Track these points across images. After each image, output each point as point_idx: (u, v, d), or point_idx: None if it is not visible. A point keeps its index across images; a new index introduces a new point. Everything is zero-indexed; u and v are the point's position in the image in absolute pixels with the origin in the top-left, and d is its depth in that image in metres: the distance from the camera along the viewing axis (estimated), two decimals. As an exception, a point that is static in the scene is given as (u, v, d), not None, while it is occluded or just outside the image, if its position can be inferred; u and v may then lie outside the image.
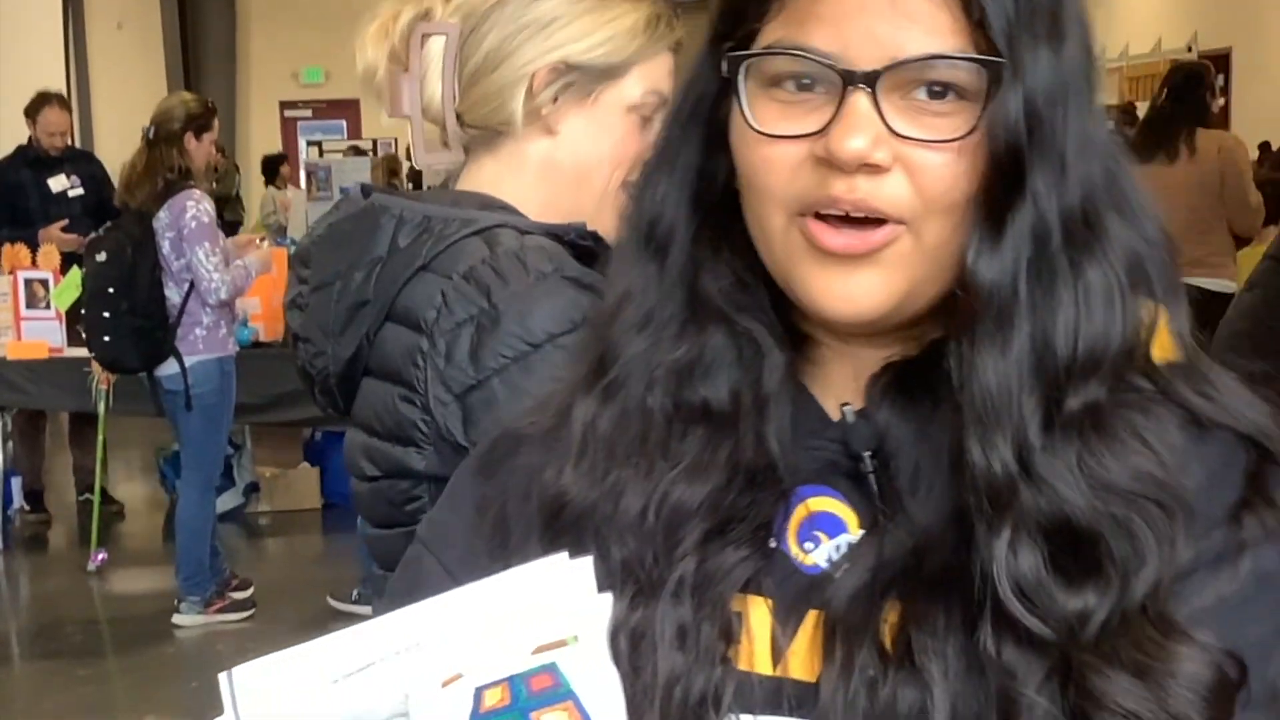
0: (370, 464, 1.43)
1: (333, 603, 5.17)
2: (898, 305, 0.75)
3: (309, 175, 10.79)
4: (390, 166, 10.20)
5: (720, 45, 0.78)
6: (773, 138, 0.74)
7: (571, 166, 1.42)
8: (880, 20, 0.71)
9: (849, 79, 0.71)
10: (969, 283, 0.72)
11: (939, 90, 0.72)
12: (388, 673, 0.69)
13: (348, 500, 1.75)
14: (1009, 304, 0.71)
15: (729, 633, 0.75)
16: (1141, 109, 7.57)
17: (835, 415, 0.80)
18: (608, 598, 0.74)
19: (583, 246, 1.37)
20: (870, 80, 0.71)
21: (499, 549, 0.81)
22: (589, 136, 1.41)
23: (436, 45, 1.42)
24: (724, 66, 0.76)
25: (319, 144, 13.20)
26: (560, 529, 0.79)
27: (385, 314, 1.39)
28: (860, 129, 0.71)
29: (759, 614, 0.76)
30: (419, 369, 1.35)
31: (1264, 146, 8.88)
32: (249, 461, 6.70)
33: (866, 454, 0.77)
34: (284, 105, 15.91)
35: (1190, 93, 5.51)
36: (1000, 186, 0.72)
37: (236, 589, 5.27)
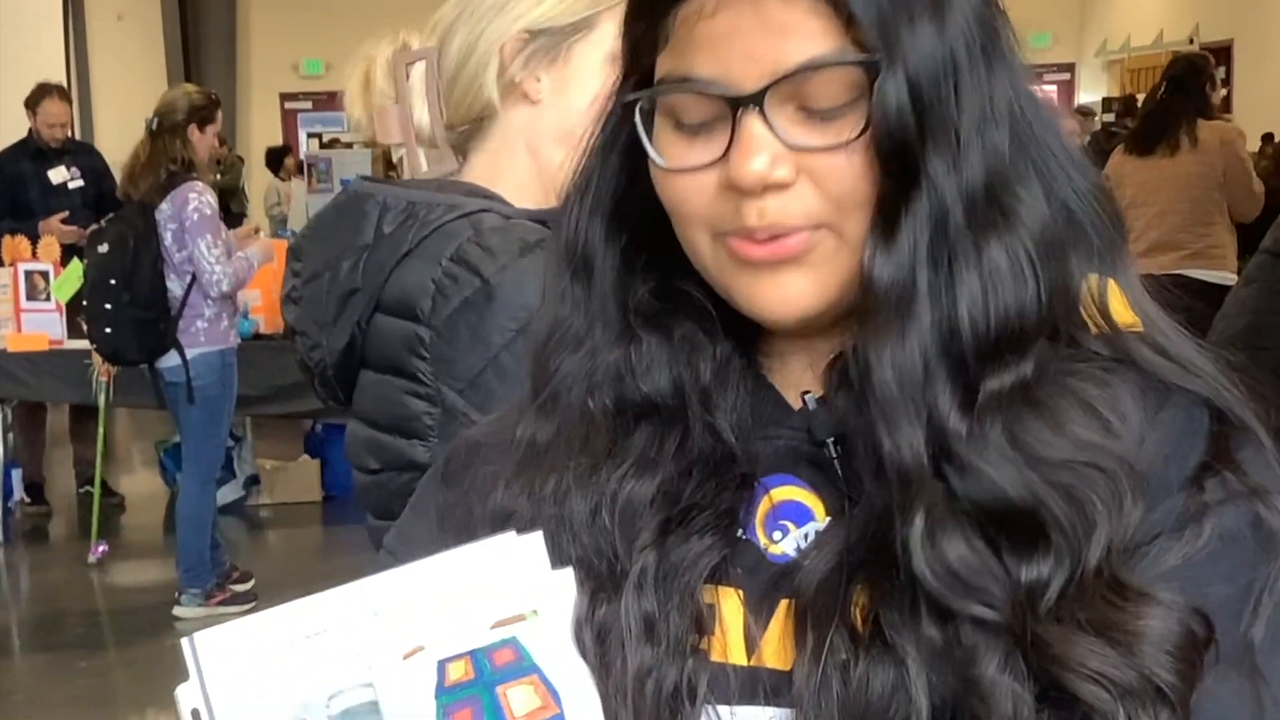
0: (372, 457, 1.43)
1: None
2: (834, 300, 0.75)
3: (309, 167, 10.77)
4: (388, 158, 10.15)
5: (628, 80, 0.79)
6: (680, 171, 0.75)
7: (557, 130, 1.41)
8: (754, 38, 0.71)
9: (735, 103, 0.72)
10: (867, 285, 0.72)
11: (827, 95, 0.72)
12: (350, 640, 0.69)
13: (348, 493, 1.76)
14: (907, 297, 0.71)
15: (700, 623, 0.75)
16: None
17: (797, 405, 0.80)
18: (567, 572, 0.74)
19: None
20: (756, 101, 0.71)
21: None
22: (570, 94, 1.41)
23: (418, 72, 1.45)
24: (620, 112, 0.78)
25: (319, 136, 13.19)
26: None
27: (375, 302, 1.39)
28: (756, 151, 0.72)
29: (731, 605, 0.76)
30: (422, 360, 1.35)
31: (1267, 138, 8.87)
32: (249, 454, 6.70)
33: (830, 440, 0.77)
34: (284, 97, 15.89)
35: (1191, 84, 5.50)
36: (895, 179, 0.71)
37: (237, 581, 5.27)
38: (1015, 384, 0.72)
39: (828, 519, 0.77)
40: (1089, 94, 13.88)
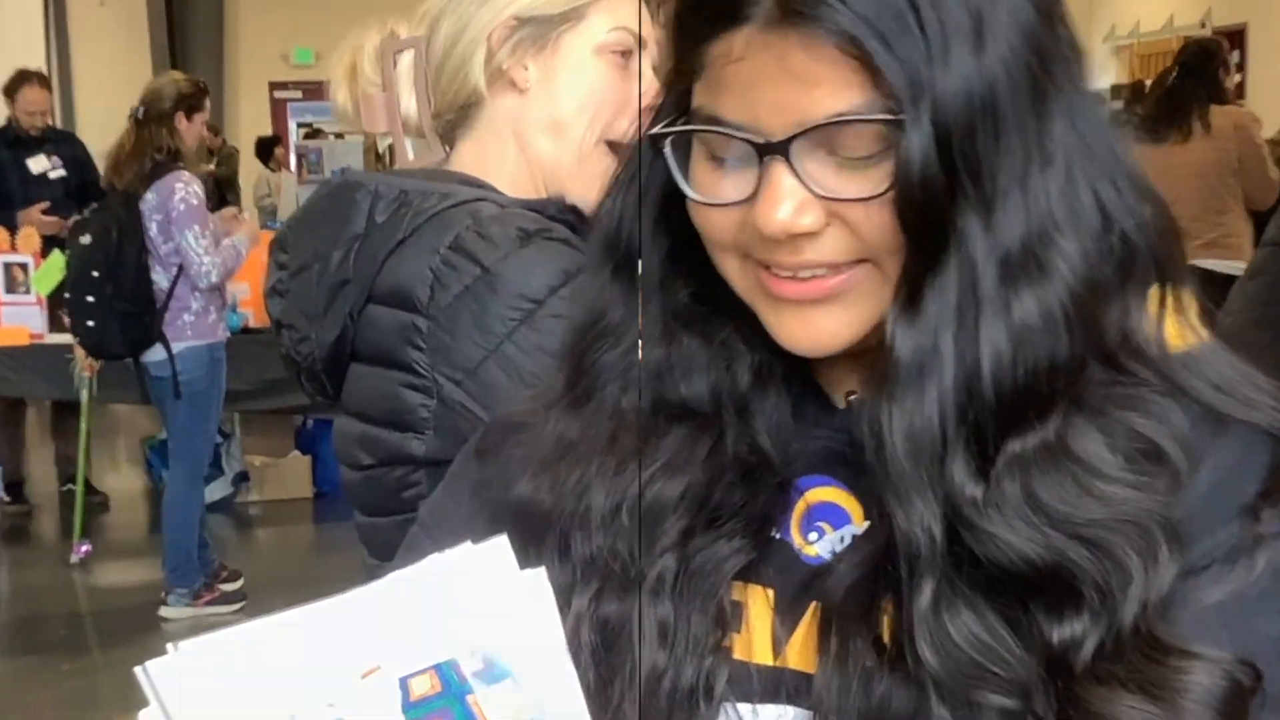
0: (364, 452, 1.41)
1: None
2: (869, 333, 0.74)
3: (300, 158, 10.68)
4: (378, 150, 10.05)
5: (669, 98, 0.78)
6: (710, 205, 0.75)
7: (545, 119, 1.41)
8: (781, 87, 0.70)
9: (762, 150, 0.71)
10: (889, 353, 0.71)
11: (857, 145, 0.70)
12: (308, 663, 0.68)
13: (340, 489, 1.77)
14: (929, 364, 0.70)
15: (723, 622, 0.76)
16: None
17: (842, 404, 0.81)
18: (539, 573, 0.72)
19: (563, 221, 1.35)
20: (782, 150, 0.70)
21: (495, 534, 0.79)
22: (558, 84, 1.41)
23: (405, 61, 1.45)
24: (652, 144, 0.77)
25: (309, 125, 13.12)
26: (527, 532, 0.78)
27: (367, 293, 1.37)
28: (782, 199, 0.71)
29: (759, 604, 0.77)
30: (419, 350, 1.33)
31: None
32: (238, 450, 6.70)
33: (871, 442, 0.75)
34: (274, 86, 15.79)
35: (1203, 69, 5.45)
36: (920, 240, 0.70)
37: (226, 580, 5.27)
38: (1037, 445, 0.70)
39: (865, 524, 0.76)
40: (1097, 81, 13.82)
